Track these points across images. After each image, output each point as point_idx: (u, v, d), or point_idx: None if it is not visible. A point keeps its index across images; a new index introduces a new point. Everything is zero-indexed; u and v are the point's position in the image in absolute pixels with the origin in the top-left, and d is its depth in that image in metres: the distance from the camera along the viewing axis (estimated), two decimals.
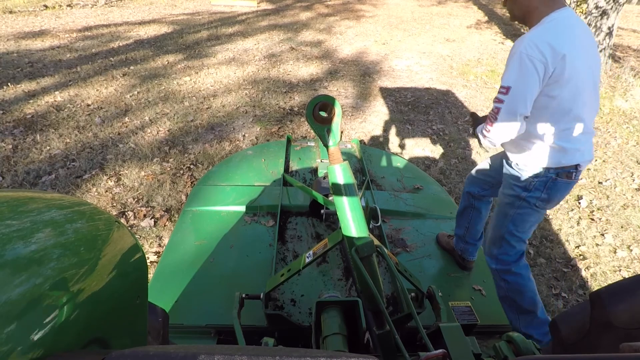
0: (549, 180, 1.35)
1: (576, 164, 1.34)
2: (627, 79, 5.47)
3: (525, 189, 1.40)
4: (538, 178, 1.36)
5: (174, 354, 0.37)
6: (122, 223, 0.58)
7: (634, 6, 13.13)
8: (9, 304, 0.37)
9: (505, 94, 1.24)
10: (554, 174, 1.35)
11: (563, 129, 1.30)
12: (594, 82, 1.32)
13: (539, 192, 1.38)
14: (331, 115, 1.00)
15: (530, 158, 1.37)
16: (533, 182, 1.37)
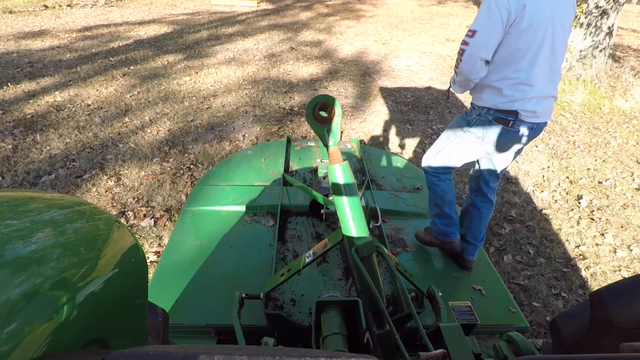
0: (486, 121, 1.49)
1: (514, 109, 1.42)
2: (627, 79, 5.47)
3: (469, 123, 1.56)
4: (480, 117, 1.51)
5: (174, 354, 0.37)
6: (122, 223, 0.58)
7: (634, 6, 13.12)
8: (9, 304, 0.37)
9: (470, 37, 1.36)
10: (492, 116, 1.47)
11: (508, 76, 1.39)
12: (552, 42, 1.38)
13: (477, 129, 1.53)
14: (331, 115, 1.00)
15: (477, 97, 1.52)
16: (475, 119, 1.53)
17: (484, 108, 1.48)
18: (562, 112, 4.65)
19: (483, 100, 1.48)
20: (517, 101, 1.41)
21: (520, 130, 1.46)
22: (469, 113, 1.58)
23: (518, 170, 3.40)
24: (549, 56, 1.39)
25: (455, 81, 1.54)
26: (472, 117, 1.54)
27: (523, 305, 2.08)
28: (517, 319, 1.39)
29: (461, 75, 1.44)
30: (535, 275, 2.30)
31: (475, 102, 1.54)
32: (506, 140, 1.50)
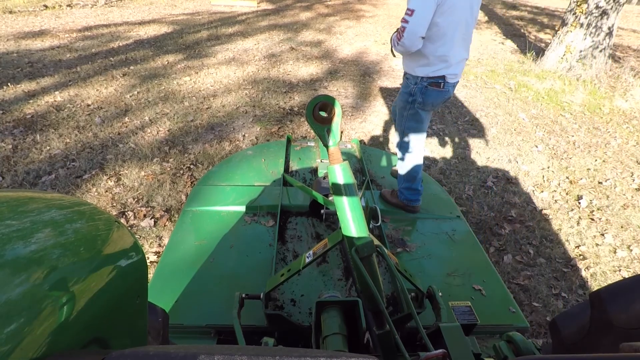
0: (423, 87, 1.83)
1: (442, 75, 1.79)
2: (627, 79, 5.47)
3: (410, 94, 1.87)
4: (417, 85, 1.83)
5: (174, 354, 0.37)
6: (122, 223, 0.58)
7: (634, 6, 13.13)
8: (9, 304, 0.37)
9: (410, 16, 1.61)
10: (427, 82, 1.81)
11: (436, 49, 1.73)
12: (466, 20, 1.75)
13: (418, 97, 1.85)
14: (331, 115, 1.00)
15: (412, 69, 1.82)
16: (414, 89, 1.84)
17: (419, 77, 1.82)
18: (562, 112, 4.65)
19: (417, 71, 1.81)
20: (443, 68, 1.78)
21: (448, 90, 1.86)
22: (406, 85, 1.89)
23: (518, 171, 3.40)
24: (464, 30, 1.77)
25: (396, 49, 1.80)
26: (410, 88, 1.86)
27: (523, 305, 2.09)
28: (517, 319, 1.39)
29: (402, 48, 1.71)
30: (535, 276, 2.30)
31: (410, 73, 1.85)
32: (439, 99, 1.89)
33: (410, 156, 1.99)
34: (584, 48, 5.65)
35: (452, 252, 1.70)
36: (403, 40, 1.66)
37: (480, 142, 3.85)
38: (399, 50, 1.74)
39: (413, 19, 1.60)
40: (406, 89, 1.88)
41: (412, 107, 1.89)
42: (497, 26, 8.95)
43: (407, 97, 1.89)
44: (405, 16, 1.62)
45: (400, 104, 1.96)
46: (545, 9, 11.47)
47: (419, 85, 1.83)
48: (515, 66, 6.19)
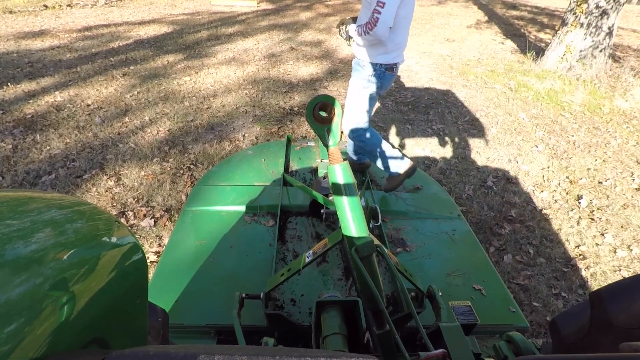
0: (381, 73, 2.00)
1: (396, 62, 2.01)
2: (627, 79, 5.47)
3: (368, 80, 2.02)
4: (376, 72, 2.00)
5: (174, 354, 0.37)
6: (122, 223, 0.58)
7: (634, 6, 13.13)
8: (9, 304, 0.37)
9: (382, 8, 1.74)
10: (384, 68, 2.00)
11: (395, 38, 1.90)
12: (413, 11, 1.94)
13: (377, 82, 2.02)
14: (331, 115, 1.00)
15: (373, 57, 1.96)
16: (372, 74, 2.00)
17: (378, 64, 1.98)
18: (562, 112, 4.65)
19: (377, 59, 1.96)
20: (398, 55, 2.00)
21: (397, 71, 2.08)
22: (362, 72, 2.03)
23: (518, 170, 3.40)
24: (410, 20, 1.96)
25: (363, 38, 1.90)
26: (369, 74, 2.01)
27: (523, 305, 2.09)
28: (517, 319, 1.39)
29: (373, 37, 1.83)
30: (535, 275, 2.30)
31: (370, 61, 1.99)
32: (391, 80, 2.11)
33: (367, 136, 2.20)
34: (584, 48, 5.65)
35: (452, 252, 1.70)
36: (375, 30, 1.79)
37: (480, 142, 3.85)
38: (369, 39, 1.86)
39: (385, 10, 1.74)
40: (363, 75, 2.03)
41: (369, 91, 2.07)
42: (497, 26, 8.95)
43: (364, 83, 2.04)
44: (377, 7, 1.76)
45: (356, 89, 2.09)
46: (545, 9, 11.47)
47: (378, 72, 2.00)
48: (515, 66, 6.19)
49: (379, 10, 1.76)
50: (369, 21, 1.81)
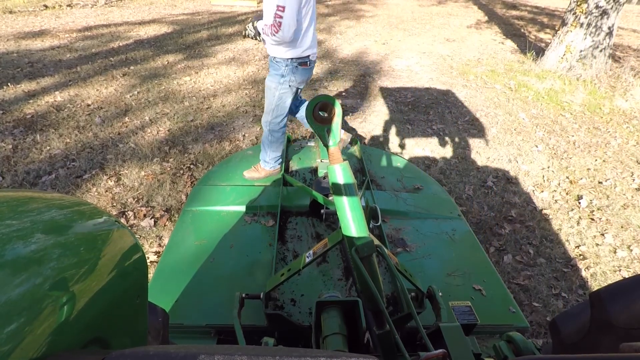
0: (294, 67, 2.08)
1: (307, 55, 2.10)
2: (627, 79, 5.47)
3: (282, 75, 2.09)
4: (288, 67, 2.07)
5: (174, 354, 0.37)
6: (122, 223, 0.58)
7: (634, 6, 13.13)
8: (9, 304, 0.37)
9: (282, 12, 1.82)
10: (296, 63, 2.07)
11: (301, 36, 2.01)
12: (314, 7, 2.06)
13: (290, 76, 2.09)
14: (331, 115, 1.00)
15: (283, 53, 2.03)
16: (285, 69, 2.07)
17: (289, 59, 2.04)
18: (562, 112, 4.65)
19: (288, 54, 2.03)
20: (308, 49, 2.08)
21: (312, 67, 2.20)
22: (276, 68, 2.09)
23: (518, 171, 3.40)
24: (313, 15, 2.06)
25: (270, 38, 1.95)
26: (282, 70, 2.07)
27: (523, 305, 2.09)
28: (517, 319, 1.39)
29: (279, 39, 1.91)
30: (535, 276, 2.30)
31: (281, 57, 2.04)
32: (307, 76, 2.20)
33: (280, 129, 2.27)
34: (584, 48, 5.65)
35: (452, 252, 1.70)
36: (280, 33, 1.87)
37: (480, 142, 3.85)
38: (276, 40, 1.93)
39: (286, 14, 1.83)
40: (277, 71, 2.10)
41: (284, 86, 2.13)
42: (497, 26, 8.95)
43: (279, 79, 2.11)
44: (277, 12, 1.83)
45: (272, 85, 2.15)
46: (545, 9, 11.47)
47: (290, 67, 2.07)
48: (515, 66, 6.19)
49: (280, 14, 1.83)
50: (273, 24, 1.87)
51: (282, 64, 2.07)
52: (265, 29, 1.94)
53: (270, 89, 2.17)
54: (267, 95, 2.21)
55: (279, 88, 2.14)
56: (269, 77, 2.16)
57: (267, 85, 2.18)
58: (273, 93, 2.17)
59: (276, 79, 2.12)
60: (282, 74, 2.09)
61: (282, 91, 2.15)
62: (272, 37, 1.93)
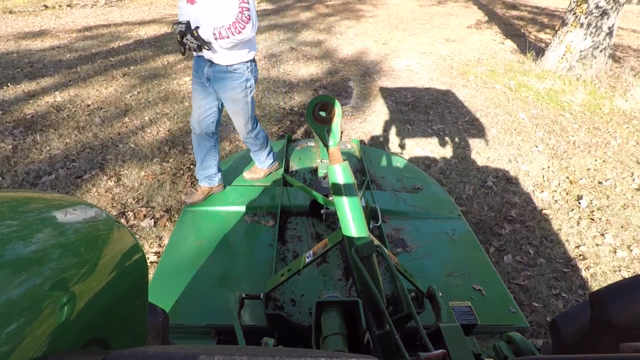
0: (252, 67, 1.98)
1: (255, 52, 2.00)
2: (627, 79, 5.47)
3: (246, 79, 1.96)
4: (248, 69, 1.95)
5: (174, 354, 0.37)
6: (122, 223, 0.58)
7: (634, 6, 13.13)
8: (9, 304, 0.37)
9: (248, 4, 1.72)
10: (252, 62, 1.98)
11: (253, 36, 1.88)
12: None
13: (252, 79, 1.98)
14: (331, 115, 1.00)
15: (243, 57, 1.90)
16: (246, 72, 1.94)
17: (248, 61, 1.94)
18: (562, 112, 4.65)
19: (248, 56, 1.92)
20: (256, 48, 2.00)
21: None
22: (237, 76, 1.92)
23: (518, 171, 3.40)
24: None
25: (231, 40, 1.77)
26: (245, 74, 1.94)
27: (523, 306, 2.08)
28: (517, 319, 1.39)
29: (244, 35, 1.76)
30: (535, 276, 2.30)
31: (242, 61, 1.91)
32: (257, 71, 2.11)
33: (260, 130, 2.19)
34: (584, 48, 5.65)
35: (452, 252, 1.70)
36: (249, 27, 1.74)
37: (480, 142, 3.85)
38: (241, 38, 1.77)
39: (251, 6, 1.73)
40: (240, 78, 1.93)
41: (251, 90, 2.01)
42: (497, 26, 8.95)
43: (245, 85, 1.96)
44: (243, 4, 1.72)
45: (240, 95, 1.97)
46: (545, 9, 11.47)
47: (251, 67, 1.96)
48: (515, 66, 6.19)
49: (247, 7, 1.72)
50: (238, 20, 1.72)
51: (243, 69, 1.92)
52: (225, 31, 1.73)
53: (239, 102, 1.98)
54: (237, 110, 2.02)
55: (248, 94, 2.00)
56: (230, 90, 1.93)
57: (233, 99, 1.97)
58: (245, 102, 2.01)
59: (241, 86, 1.95)
60: (246, 78, 1.94)
61: (251, 95, 2.02)
62: (235, 37, 1.74)
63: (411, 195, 2.06)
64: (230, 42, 1.76)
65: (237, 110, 2.02)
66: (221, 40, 1.75)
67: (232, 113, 2.05)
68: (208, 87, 1.97)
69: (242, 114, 2.04)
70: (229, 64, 1.87)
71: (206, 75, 1.92)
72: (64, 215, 0.50)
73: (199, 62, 1.95)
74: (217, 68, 1.88)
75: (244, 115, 2.05)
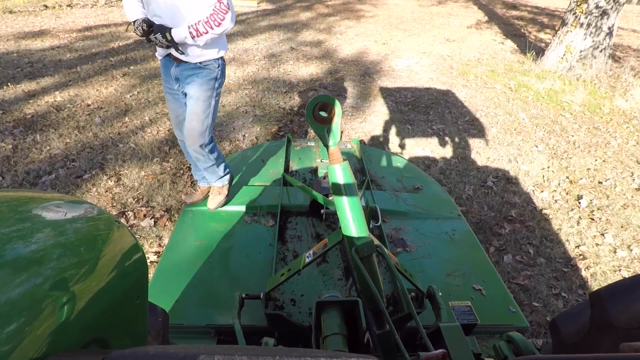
0: (222, 65, 1.87)
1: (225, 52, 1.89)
2: (627, 79, 5.47)
3: (215, 78, 1.83)
4: (219, 67, 1.83)
5: (174, 354, 0.37)
6: (122, 223, 0.58)
7: (634, 6, 13.13)
8: (9, 304, 0.37)
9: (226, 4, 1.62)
10: (222, 60, 1.86)
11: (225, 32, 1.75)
12: None
13: (220, 77, 1.86)
14: (331, 115, 1.00)
15: (215, 53, 1.79)
16: (217, 70, 1.82)
17: (219, 58, 1.83)
18: (562, 112, 4.65)
19: (219, 52, 1.81)
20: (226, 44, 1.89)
21: None
22: (207, 73, 1.78)
23: (518, 171, 3.40)
24: None
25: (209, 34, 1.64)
26: (215, 72, 1.81)
27: (523, 305, 2.09)
28: (517, 319, 1.39)
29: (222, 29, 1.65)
30: (535, 275, 2.30)
31: (212, 58, 1.78)
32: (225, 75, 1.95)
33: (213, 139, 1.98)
34: (584, 48, 5.65)
35: (452, 252, 1.70)
36: (228, 17, 1.63)
37: (480, 142, 3.85)
38: (221, 31, 1.65)
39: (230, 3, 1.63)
40: (209, 76, 1.79)
41: (218, 91, 1.88)
42: (497, 26, 8.95)
43: (213, 84, 1.82)
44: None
45: (206, 94, 1.81)
46: (545, 9, 11.47)
47: (221, 66, 1.84)
48: (515, 66, 6.19)
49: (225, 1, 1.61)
50: (216, 11, 1.60)
51: (213, 66, 1.79)
52: (203, 26, 1.61)
53: (202, 101, 1.81)
54: (196, 111, 1.81)
55: (214, 95, 1.84)
56: (196, 87, 1.78)
57: (197, 97, 1.79)
58: (208, 104, 1.83)
59: (209, 85, 1.80)
60: (215, 77, 1.81)
61: (216, 97, 1.87)
62: (215, 30, 1.62)
63: (411, 195, 2.06)
64: (210, 37, 1.65)
65: (197, 111, 1.82)
66: (199, 38, 1.62)
67: (188, 114, 1.83)
68: (177, 90, 1.85)
69: (200, 117, 1.82)
70: (200, 60, 1.76)
71: (174, 76, 1.80)
72: (63, 215, 0.50)
73: (166, 64, 1.82)
74: (185, 66, 1.76)
75: (203, 120, 1.83)
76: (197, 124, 1.82)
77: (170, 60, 1.79)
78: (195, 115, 1.81)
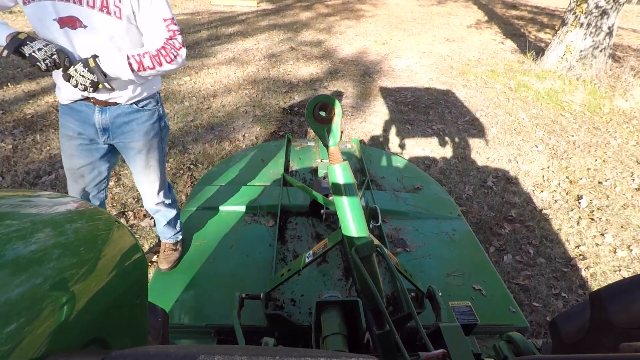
0: (160, 102, 1.52)
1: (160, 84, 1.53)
2: (627, 79, 5.47)
3: (160, 117, 1.51)
4: (158, 104, 1.50)
5: (174, 354, 0.37)
6: (122, 223, 0.58)
7: (634, 6, 13.13)
8: (9, 304, 0.37)
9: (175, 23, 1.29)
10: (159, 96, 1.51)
11: None
12: None
13: (163, 115, 1.53)
14: (331, 115, 1.00)
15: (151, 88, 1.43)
16: (157, 110, 1.49)
17: (158, 92, 1.50)
18: (562, 112, 4.65)
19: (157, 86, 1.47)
20: None
21: None
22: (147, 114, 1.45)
23: (518, 170, 3.40)
24: None
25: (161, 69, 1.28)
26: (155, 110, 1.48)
27: (523, 305, 2.09)
28: (517, 319, 1.39)
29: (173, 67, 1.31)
30: (535, 275, 2.30)
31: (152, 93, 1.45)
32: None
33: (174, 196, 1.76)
34: (584, 48, 5.65)
35: (452, 252, 1.70)
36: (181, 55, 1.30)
37: (480, 142, 3.85)
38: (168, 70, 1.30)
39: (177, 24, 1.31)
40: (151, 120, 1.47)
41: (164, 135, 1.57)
42: (497, 26, 8.95)
43: (157, 129, 1.50)
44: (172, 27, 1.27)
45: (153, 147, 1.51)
46: (545, 9, 11.47)
47: (160, 103, 1.53)
48: (515, 66, 6.19)
49: (177, 29, 1.29)
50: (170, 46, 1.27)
51: (152, 104, 1.47)
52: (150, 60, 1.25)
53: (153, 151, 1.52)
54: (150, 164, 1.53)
55: (163, 139, 1.55)
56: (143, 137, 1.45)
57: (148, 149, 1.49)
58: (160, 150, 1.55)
59: (154, 129, 1.49)
60: (158, 116, 1.50)
61: (165, 141, 1.58)
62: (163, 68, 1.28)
63: (411, 195, 2.06)
64: (154, 74, 1.31)
65: (151, 164, 1.52)
66: (141, 73, 1.26)
67: (142, 170, 1.52)
68: (101, 144, 1.44)
69: (157, 168, 1.55)
70: (136, 100, 1.39)
71: (99, 126, 1.38)
72: (63, 215, 0.50)
73: (78, 111, 1.36)
74: (117, 111, 1.36)
75: (160, 170, 1.57)
76: (155, 176, 1.57)
77: (88, 105, 1.34)
78: (151, 169, 1.54)
